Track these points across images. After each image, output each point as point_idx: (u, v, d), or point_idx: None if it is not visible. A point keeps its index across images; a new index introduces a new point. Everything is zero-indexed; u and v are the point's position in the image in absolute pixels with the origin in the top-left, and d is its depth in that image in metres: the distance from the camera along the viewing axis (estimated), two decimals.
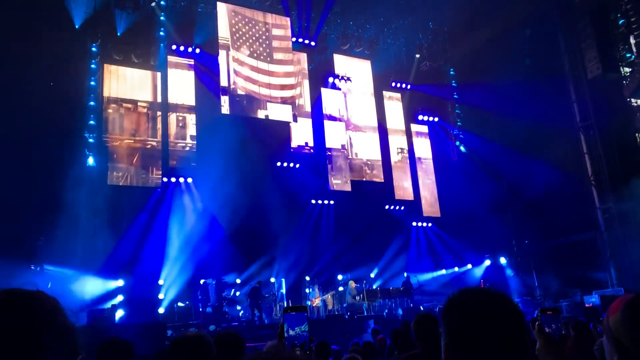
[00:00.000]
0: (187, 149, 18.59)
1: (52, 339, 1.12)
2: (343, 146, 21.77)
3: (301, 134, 20.88)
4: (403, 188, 22.72)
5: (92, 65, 17.42)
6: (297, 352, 1.99)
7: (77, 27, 16.96)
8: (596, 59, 19.91)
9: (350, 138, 22.14)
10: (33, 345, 1.09)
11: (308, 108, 21.31)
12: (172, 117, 18.54)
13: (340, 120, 22.01)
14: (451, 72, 24.20)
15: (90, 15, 17.23)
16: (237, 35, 19.78)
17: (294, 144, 20.59)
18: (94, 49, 17.47)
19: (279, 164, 19.62)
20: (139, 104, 18.17)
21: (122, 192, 16.96)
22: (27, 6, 15.28)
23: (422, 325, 3.64)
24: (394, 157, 22.98)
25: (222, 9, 19.61)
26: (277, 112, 20.26)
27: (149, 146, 18.01)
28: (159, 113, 18.45)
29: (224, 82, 19.15)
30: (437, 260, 21.92)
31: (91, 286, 14.61)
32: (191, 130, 18.71)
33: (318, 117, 21.40)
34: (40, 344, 1.10)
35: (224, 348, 3.10)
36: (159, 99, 18.48)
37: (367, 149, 22.35)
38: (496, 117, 21.44)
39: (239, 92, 19.41)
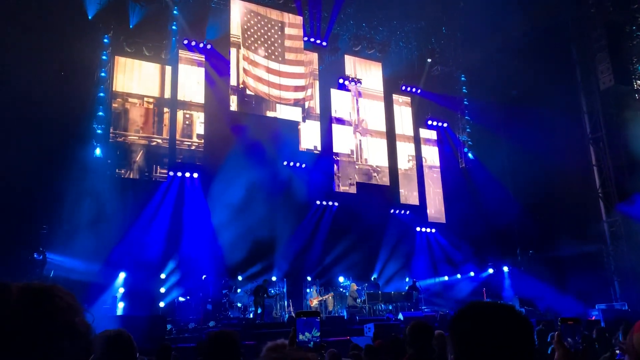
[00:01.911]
0: (193, 147, 18.49)
1: (68, 341, 1.05)
2: (352, 151, 21.69)
3: (310, 138, 20.78)
4: (409, 193, 22.64)
5: (103, 57, 17.44)
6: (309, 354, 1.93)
7: (90, 17, 16.98)
8: (609, 70, 19.78)
9: (359, 142, 22.03)
10: (49, 348, 1.03)
11: (318, 110, 21.24)
12: (179, 115, 18.46)
13: (349, 123, 21.92)
14: (462, 78, 24.08)
15: (103, 6, 17.25)
16: (249, 33, 19.74)
17: (303, 147, 20.51)
18: (105, 40, 17.49)
19: (285, 163, 19.56)
20: (145, 99, 18.11)
21: (128, 185, 16.97)
22: None
23: (416, 332, 3.81)
24: (404, 164, 22.88)
25: (235, 5, 19.58)
26: (286, 113, 20.22)
27: (154, 143, 17.89)
28: (165, 109, 18.36)
29: (233, 81, 19.11)
30: (439, 267, 21.84)
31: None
32: (198, 128, 18.62)
33: (327, 119, 21.33)
34: (56, 347, 1.04)
35: (219, 347, 3.04)
36: (166, 95, 18.43)
37: (375, 154, 22.24)
38: (505, 124, 21.36)
39: (248, 92, 19.34)
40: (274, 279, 17.66)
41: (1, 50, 14.35)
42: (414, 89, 23.77)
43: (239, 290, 16.82)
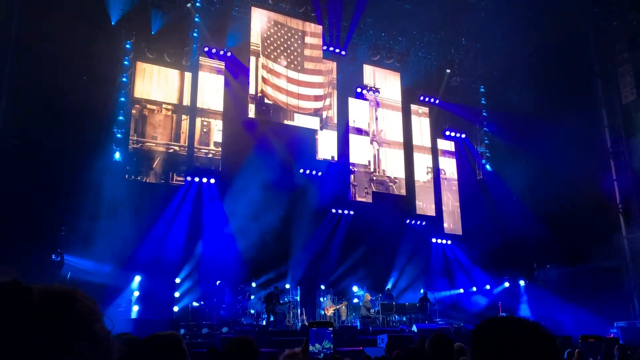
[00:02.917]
0: (210, 155, 18.57)
1: (88, 346, 1.04)
2: (369, 162, 21.61)
3: (327, 147, 20.75)
4: (425, 203, 22.49)
5: (125, 62, 17.67)
6: None
7: (112, 23, 17.26)
8: (632, 84, 19.51)
9: (376, 152, 21.94)
10: (68, 353, 1.01)
11: (336, 120, 21.21)
12: (197, 122, 18.57)
13: (366, 133, 21.86)
14: (481, 89, 23.93)
15: (126, 12, 17.52)
16: (268, 41, 19.85)
17: (320, 156, 20.46)
18: (128, 46, 17.74)
19: (301, 170, 19.57)
20: (164, 105, 18.26)
21: (146, 189, 17.12)
22: (66, 1, 15.57)
23: (437, 345, 3.74)
24: (422, 175, 22.75)
25: (255, 14, 19.74)
26: (304, 122, 20.25)
27: (171, 150, 17.99)
28: (184, 117, 18.48)
29: (252, 89, 19.20)
30: (454, 279, 21.61)
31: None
32: (216, 136, 18.69)
33: (344, 128, 21.31)
34: (75, 352, 1.02)
35: (238, 353, 3.05)
36: (186, 102, 18.54)
37: (392, 165, 22.14)
38: (523, 136, 21.15)
39: (267, 101, 19.39)
40: (287, 286, 17.64)
41: (28, 52, 14.65)
42: (432, 99, 23.68)
43: (252, 297, 16.82)
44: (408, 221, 21.73)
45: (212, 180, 17.93)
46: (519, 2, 19.50)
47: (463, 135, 24.24)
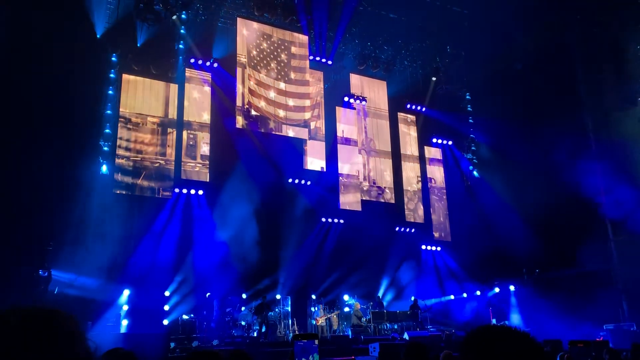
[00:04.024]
0: (197, 169, 18.46)
1: None
2: (358, 171, 21.66)
3: (316, 156, 20.73)
4: (414, 210, 22.59)
5: (111, 75, 17.60)
6: None
7: (98, 36, 17.20)
8: (615, 89, 19.80)
9: (366, 161, 22.01)
10: None
11: (324, 130, 21.24)
12: (184, 135, 18.46)
13: (355, 143, 21.92)
14: (467, 97, 24.15)
15: (111, 25, 17.48)
16: (255, 52, 19.89)
17: (309, 165, 20.43)
18: (113, 58, 17.67)
19: (290, 180, 19.57)
20: (149, 119, 18.10)
21: (134, 202, 17.01)
22: (50, 14, 15.50)
23: (412, 352, 3.86)
24: (410, 183, 22.84)
25: (241, 25, 19.78)
26: (292, 132, 20.25)
27: (156, 164, 17.83)
28: (169, 130, 18.34)
29: (239, 101, 19.17)
30: (445, 285, 21.66)
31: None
32: (202, 148, 18.59)
33: (332, 138, 21.36)
34: None
35: None
36: (172, 114, 18.41)
37: (381, 174, 22.22)
38: (509, 142, 21.34)
39: (253, 112, 19.38)
40: (278, 297, 17.56)
41: (13, 66, 14.55)
42: (418, 107, 23.85)
43: (243, 309, 16.72)
44: (397, 228, 21.79)
45: (201, 192, 17.87)
46: (502, 10, 19.75)
47: (450, 143, 24.42)
